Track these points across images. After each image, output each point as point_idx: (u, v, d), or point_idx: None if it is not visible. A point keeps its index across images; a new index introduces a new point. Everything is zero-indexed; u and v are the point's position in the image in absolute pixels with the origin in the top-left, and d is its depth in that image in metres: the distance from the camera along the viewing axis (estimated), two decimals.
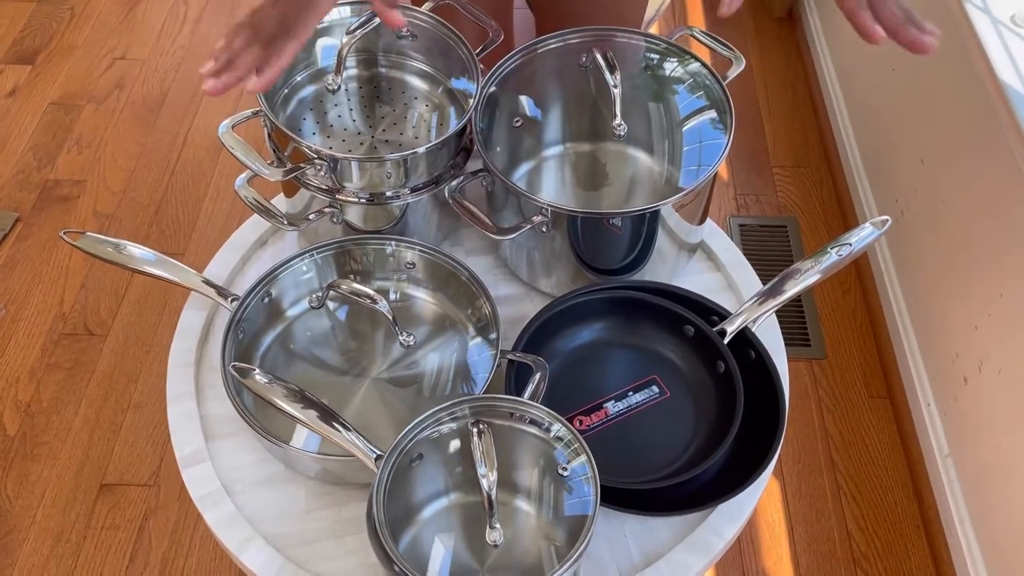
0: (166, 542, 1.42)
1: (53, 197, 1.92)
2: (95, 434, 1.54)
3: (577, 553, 0.66)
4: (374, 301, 0.81)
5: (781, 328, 0.92)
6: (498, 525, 0.68)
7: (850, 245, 0.86)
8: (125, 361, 1.64)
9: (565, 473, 0.71)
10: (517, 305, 0.95)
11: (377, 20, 0.90)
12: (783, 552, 1.42)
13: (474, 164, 0.93)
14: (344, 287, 0.82)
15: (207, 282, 0.89)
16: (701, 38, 0.96)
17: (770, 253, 1.79)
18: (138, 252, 0.91)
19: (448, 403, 0.73)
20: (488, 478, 0.66)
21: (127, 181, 1.96)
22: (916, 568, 1.41)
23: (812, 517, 1.46)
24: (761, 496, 1.46)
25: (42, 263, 1.80)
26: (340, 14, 0.97)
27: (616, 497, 0.76)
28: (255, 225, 1.00)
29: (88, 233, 0.89)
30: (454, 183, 0.89)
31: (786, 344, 0.91)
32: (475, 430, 0.69)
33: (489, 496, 0.66)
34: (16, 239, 1.84)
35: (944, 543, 1.39)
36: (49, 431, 1.55)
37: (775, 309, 0.86)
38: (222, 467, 0.83)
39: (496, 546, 0.68)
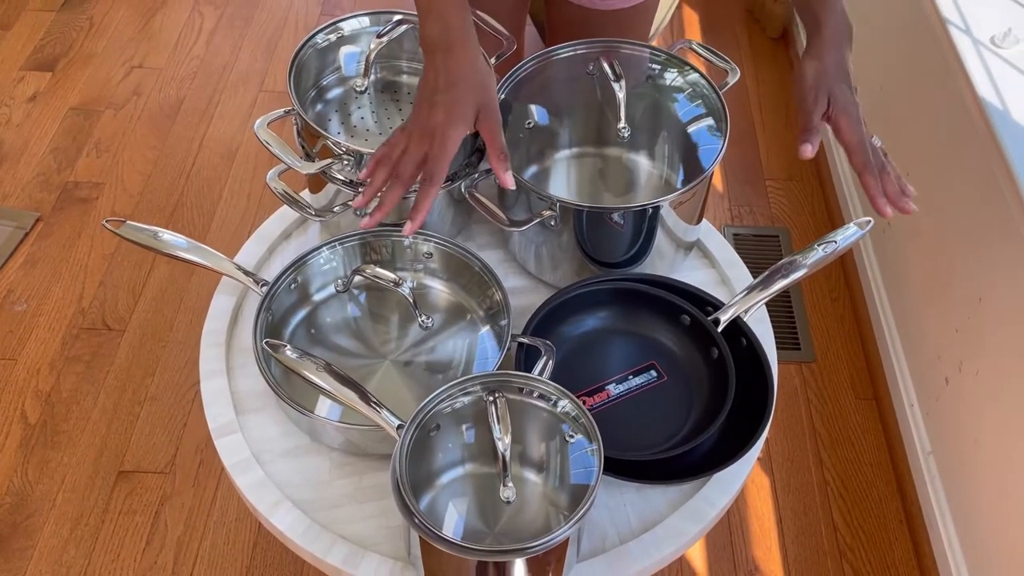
0: (181, 526, 1.48)
1: (73, 198, 1.99)
2: (113, 423, 1.61)
3: (580, 515, 0.72)
4: (397, 284, 0.88)
5: (772, 332, 0.99)
6: (511, 484, 0.74)
7: (835, 242, 0.93)
8: (142, 355, 1.71)
9: (571, 442, 0.78)
10: (524, 296, 1.01)
11: (402, 28, 0.98)
12: (772, 543, 1.48)
13: (487, 164, 0.99)
14: (369, 272, 0.89)
15: (239, 267, 0.96)
16: (699, 50, 1.04)
17: (763, 261, 1.86)
18: (172, 239, 0.97)
19: (464, 378, 0.79)
20: (504, 441, 0.73)
21: (144, 184, 2.03)
22: (899, 560, 1.47)
23: (800, 511, 1.52)
24: (752, 490, 1.53)
25: (62, 261, 1.86)
26: (360, 23, 1.04)
27: (617, 467, 0.82)
28: (280, 218, 1.07)
29: (129, 222, 0.96)
30: (469, 179, 0.96)
31: (777, 348, 0.97)
32: (491, 399, 0.76)
33: (504, 457, 0.73)
34: (37, 237, 1.90)
35: (926, 536, 1.45)
36: (69, 420, 1.61)
37: (765, 301, 0.92)
38: (251, 438, 0.89)
39: (509, 503, 0.74)
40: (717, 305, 0.93)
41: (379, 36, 0.96)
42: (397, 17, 1.00)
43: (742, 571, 1.45)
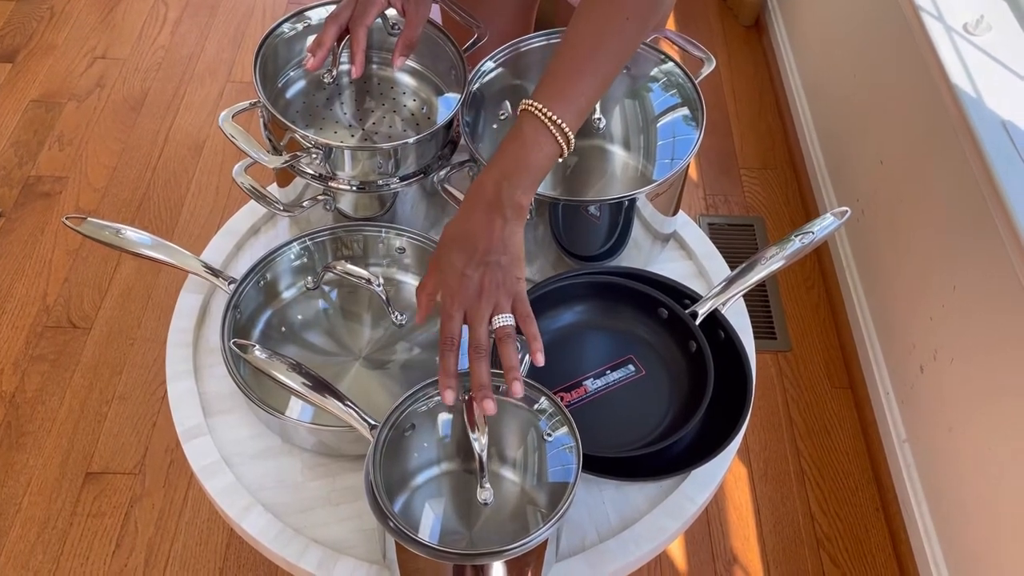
0: (152, 528, 1.45)
1: (35, 193, 1.94)
2: (80, 424, 1.57)
3: (558, 515, 0.71)
4: (369, 281, 0.86)
5: (751, 324, 0.98)
6: (488, 485, 0.72)
7: (812, 233, 0.92)
8: (109, 353, 1.67)
9: (549, 440, 0.76)
10: None
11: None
12: (750, 533, 1.48)
13: (460, 156, 0.98)
14: (340, 268, 0.87)
15: (205, 265, 0.93)
16: (675, 39, 1.02)
17: (738, 250, 1.86)
18: (136, 236, 0.94)
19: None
20: (480, 441, 0.71)
21: (109, 178, 1.98)
22: (876, 548, 1.48)
23: (778, 500, 1.52)
24: (729, 480, 1.53)
25: (25, 257, 1.82)
26: (328, 13, 1.01)
27: (596, 465, 0.81)
28: (249, 213, 1.05)
29: (89, 219, 0.93)
30: (443, 172, 0.94)
31: (753, 337, 0.97)
32: (467, 398, 0.74)
33: (481, 458, 0.71)
34: None
35: (902, 524, 1.46)
36: (34, 421, 1.57)
37: (742, 293, 0.91)
38: (221, 441, 0.87)
39: (487, 504, 0.73)
40: (695, 298, 0.92)
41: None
42: None
43: (720, 562, 1.45)
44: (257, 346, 0.80)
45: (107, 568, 1.41)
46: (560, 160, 0.81)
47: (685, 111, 0.98)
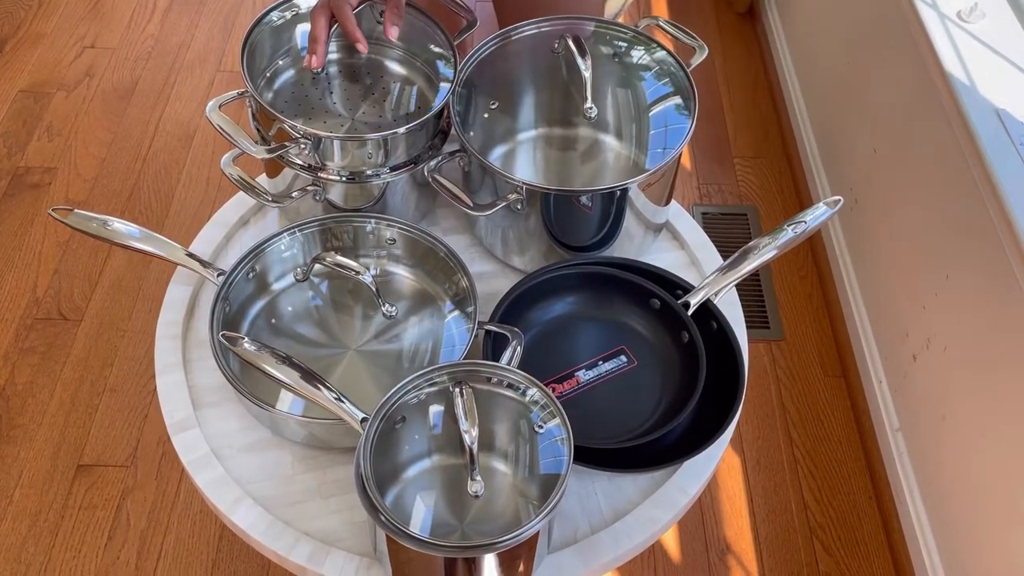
0: (144, 520, 1.45)
1: (24, 184, 1.92)
2: (71, 416, 1.56)
3: (550, 506, 0.71)
4: (358, 273, 0.85)
5: (743, 315, 0.97)
6: (479, 477, 0.72)
7: (805, 223, 0.92)
8: (100, 345, 1.66)
9: (540, 432, 0.76)
10: (491, 282, 0.99)
11: (360, 7, 0.94)
12: (743, 523, 1.48)
13: (451, 146, 0.97)
14: (329, 260, 0.86)
15: (192, 256, 0.92)
16: (666, 27, 1.01)
17: (731, 239, 1.86)
18: (124, 228, 0.93)
19: (430, 368, 0.77)
20: (471, 433, 0.71)
21: (99, 168, 1.97)
22: (868, 536, 1.48)
23: (771, 489, 1.52)
24: (723, 470, 1.53)
25: (14, 249, 1.80)
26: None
27: (587, 456, 0.80)
28: (238, 204, 1.04)
29: (76, 210, 0.92)
30: (433, 162, 0.93)
31: (746, 327, 0.96)
32: (458, 390, 0.74)
33: (471, 450, 0.71)
34: None
35: (894, 512, 1.46)
36: (25, 414, 1.56)
37: (735, 283, 0.91)
38: (210, 433, 0.86)
39: (477, 497, 0.72)
40: (687, 288, 0.92)
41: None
42: None
43: (713, 551, 1.45)
44: (246, 338, 0.79)
45: (99, 560, 1.41)
46: None
47: (678, 100, 0.97)
